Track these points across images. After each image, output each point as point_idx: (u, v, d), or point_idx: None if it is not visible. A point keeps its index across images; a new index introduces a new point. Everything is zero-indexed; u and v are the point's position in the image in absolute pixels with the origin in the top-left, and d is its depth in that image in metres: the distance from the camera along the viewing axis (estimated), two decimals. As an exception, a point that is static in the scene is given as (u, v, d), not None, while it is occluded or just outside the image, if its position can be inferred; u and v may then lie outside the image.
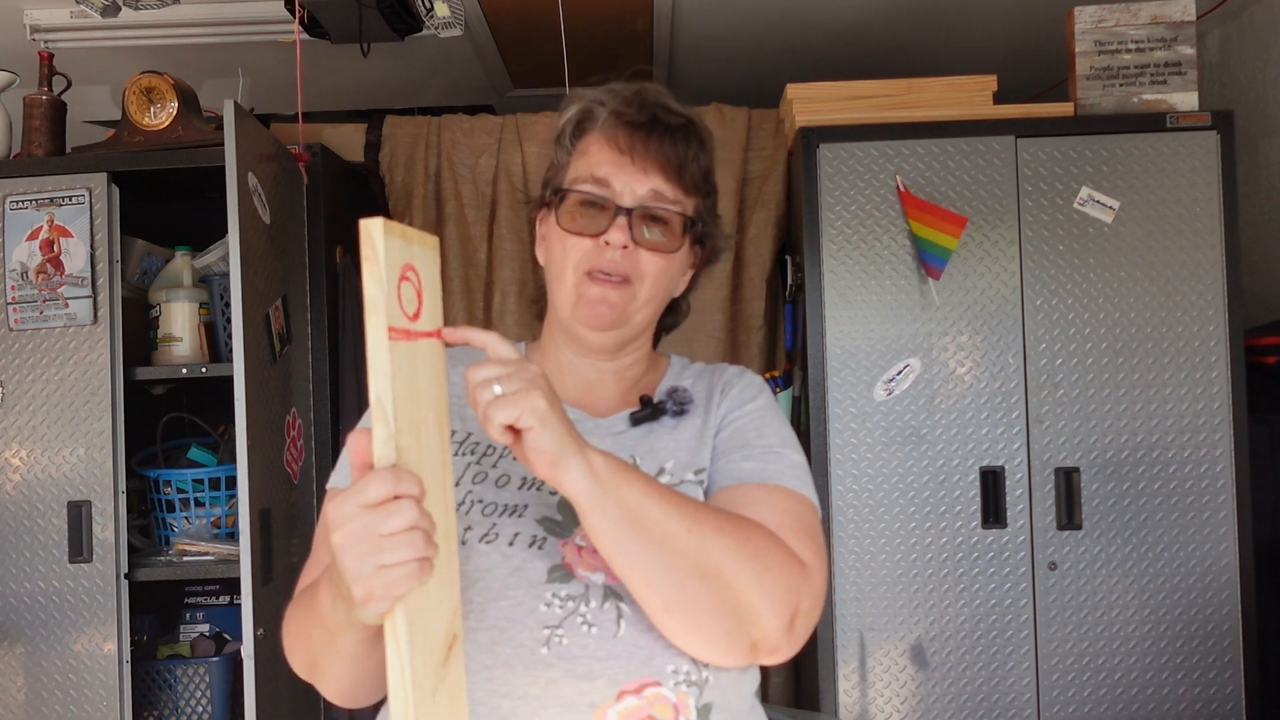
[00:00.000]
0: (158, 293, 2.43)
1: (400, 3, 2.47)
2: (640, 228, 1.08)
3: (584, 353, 1.15)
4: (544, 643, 0.96)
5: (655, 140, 1.09)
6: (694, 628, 0.93)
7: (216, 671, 2.49)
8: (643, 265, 1.09)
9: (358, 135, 2.92)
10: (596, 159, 1.10)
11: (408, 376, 0.78)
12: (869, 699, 2.37)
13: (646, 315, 1.13)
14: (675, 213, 1.10)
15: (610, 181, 1.09)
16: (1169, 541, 2.34)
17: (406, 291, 0.79)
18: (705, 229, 1.16)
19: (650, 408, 1.11)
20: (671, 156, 1.09)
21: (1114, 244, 2.37)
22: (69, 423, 2.29)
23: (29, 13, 2.61)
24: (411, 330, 0.79)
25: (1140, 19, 2.42)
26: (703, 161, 1.13)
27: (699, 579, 0.91)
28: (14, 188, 2.31)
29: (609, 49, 2.99)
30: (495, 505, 1.04)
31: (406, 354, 0.78)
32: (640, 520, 0.90)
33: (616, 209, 1.07)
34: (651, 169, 1.09)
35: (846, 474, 2.38)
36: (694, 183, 1.12)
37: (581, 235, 1.08)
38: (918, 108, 2.44)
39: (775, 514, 1.01)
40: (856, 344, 2.39)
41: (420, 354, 0.81)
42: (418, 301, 0.81)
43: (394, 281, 0.77)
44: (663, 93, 1.14)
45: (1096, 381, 2.36)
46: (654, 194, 1.09)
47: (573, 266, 1.09)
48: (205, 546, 2.38)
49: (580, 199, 1.09)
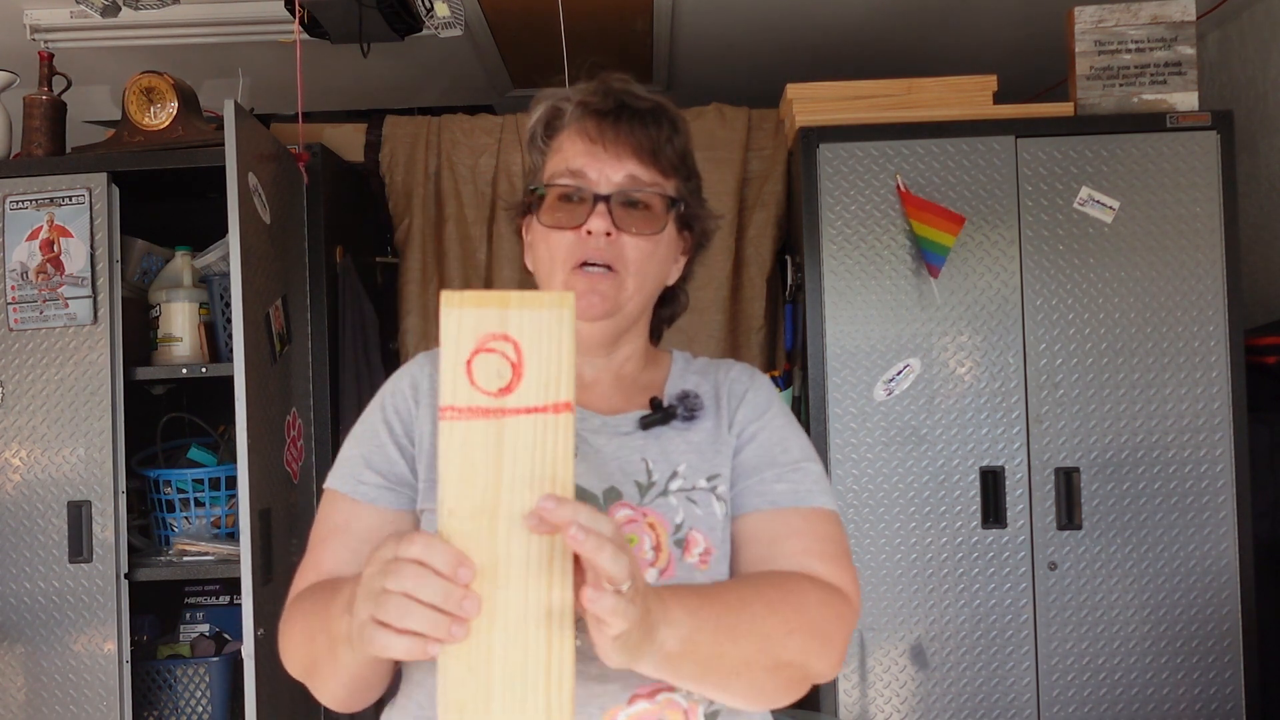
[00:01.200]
0: (158, 293, 2.43)
1: (400, 3, 2.47)
2: (620, 214, 1.07)
3: (580, 349, 1.14)
4: None
5: (625, 125, 1.08)
6: (763, 701, 0.98)
7: (216, 671, 2.49)
8: (628, 251, 1.08)
9: (358, 135, 2.92)
10: (570, 152, 1.09)
11: (472, 458, 0.73)
12: (869, 699, 2.37)
13: (638, 303, 1.11)
14: (655, 195, 1.09)
15: (585, 172, 1.08)
16: (1169, 541, 2.34)
17: (487, 365, 0.73)
18: (689, 210, 1.15)
19: (661, 411, 1.10)
20: (644, 139, 1.08)
21: (1114, 244, 2.37)
22: (69, 423, 2.29)
23: (29, 13, 2.61)
24: (491, 408, 0.73)
25: (1140, 19, 2.42)
26: (677, 143, 1.12)
27: (771, 672, 0.95)
28: (14, 188, 2.31)
29: (609, 49, 2.99)
30: None
31: (476, 433, 0.73)
32: (713, 664, 0.90)
33: (594, 197, 1.07)
34: (625, 154, 1.08)
35: (846, 474, 2.38)
36: (671, 164, 1.11)
37: (563, 229, 1.08)
38: (918, 108, 2.44)
39: (816, 541, 1.04)
40: (856, 344, 2.39)
41: (510, 432, 0.74)
42: (511, 373, 0.74)
43: (461, 355, 0.73)
44: (628, 80, 1.13)
45: (1096, 381, 2.36)
46: (630, 179, 1.08)
47: (560, 262, 1.08)
48: (205, 546, 2.38)
49: (558, 193, 1.09)
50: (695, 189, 1.17)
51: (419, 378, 1.12)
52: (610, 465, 1.06)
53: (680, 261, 1.18)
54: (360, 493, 1.07)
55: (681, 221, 1.14)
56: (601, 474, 1.05)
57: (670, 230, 1.12)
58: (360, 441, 1.11)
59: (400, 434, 1.09)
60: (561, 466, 0.75)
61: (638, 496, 1.04)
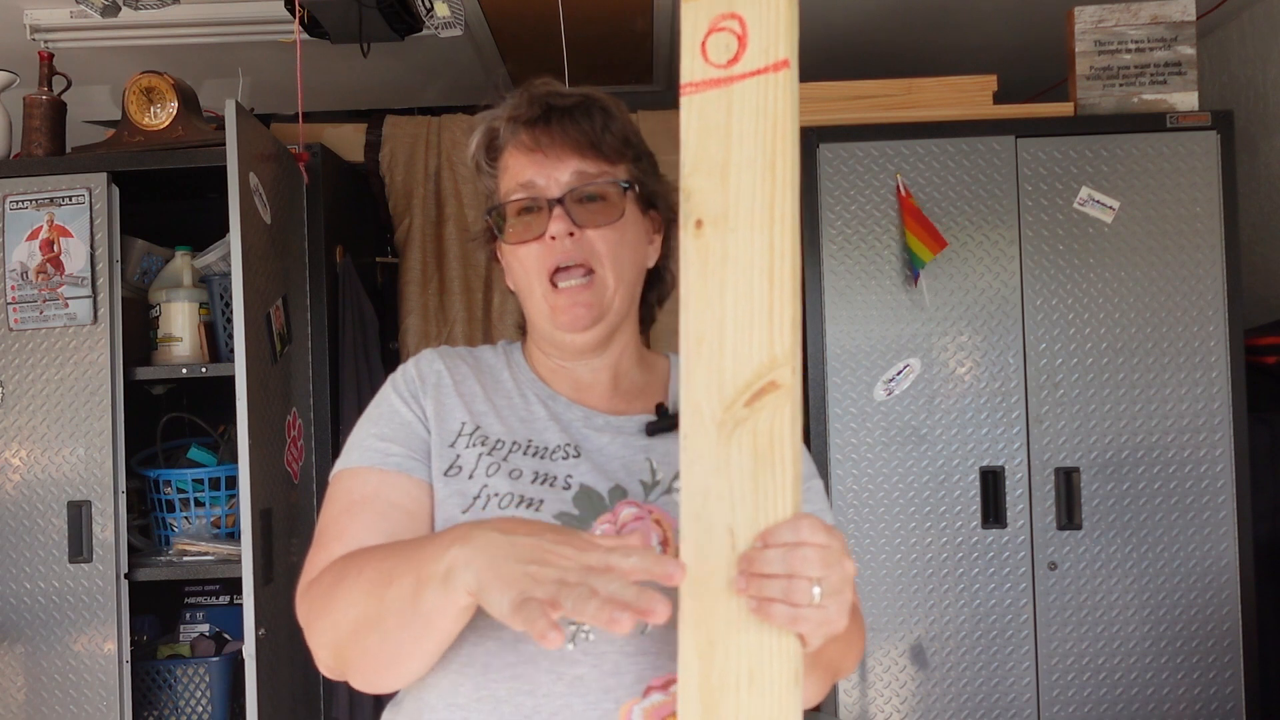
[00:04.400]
0: (158, 293, 2.43)
1: (400, 3, 2.47)
2: (577, 211, 1.07)
3: (573, 356, 1.14)
4: (570, 639, 0.96)
5: (558, 125, 1.09)
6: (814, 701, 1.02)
7: (216, 671, 2.49)
8: (596, 245, 1.08)
9: (358, 135, 2.93)
10: (515, 168, 1.10)
11: (707, 123, 0.86)
12: (869, 699, 2.37)
13: (623, 296, 1.11)
14: (605, 184, 1.09)
15: (534, 181, 1.08)
16: (1169, 541, 2.34)
17: (718, 42, 0.87)
18: (646, 189, 1.14)
19: (667, 419, 1.10)
20: (578, 135, 1.09)
21: (1114, 244, 2.37)
22: (69, 423, 2.29)
23: (29, 13, 2.61)
24: (721, 78, 0.86)
25: (1140, 19, 2.42)
26: (615, 128, 1.12)
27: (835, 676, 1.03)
28: (14, 188, 2.31)
29: (609, 49, 2.99)
30: (512, 496, 1.02)
31: (710, 102, 0.86)
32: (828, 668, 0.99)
33: (548, 202, 1.07)
34: (565, 153, 1.08)
35: (846, 474, 2.38)
36: (614, 150, 1.11)
37: (528, 241, 1.08)
38: (918, 108, 2.44)
39: None
40: (856, 344, 2.39)
41: (738, 96, 0.86)
42: (737, 45, 0.87)
43: (697, 38, 0.87)
44: (549, 82, 1.13)
45: (1096, 381, 2.36)
46: (578, 175, 1.08)
47: (535, 275, 1.08)
48: (205, 546, 2.38)
49: (515, 209, 1.09)
50: (649, 167, 1.16)
51: (427, 371, 1.12)
52: (615, 463, 1.07)
53: (655, 241, 1.17)
54: (389, 463, 1.05)
55: (645, 202, 1.14)
56: (607, 471, 1.06)
57: (633, 213, 1.12)
58: (376, 422, 1.10)
59: (418, 410, 1.09)
60: (784, 120, 0.86)
61: (643, 494, 1.05)
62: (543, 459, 1.06)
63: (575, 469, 1.05)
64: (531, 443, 1.08)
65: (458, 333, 2.92)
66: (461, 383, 1.12)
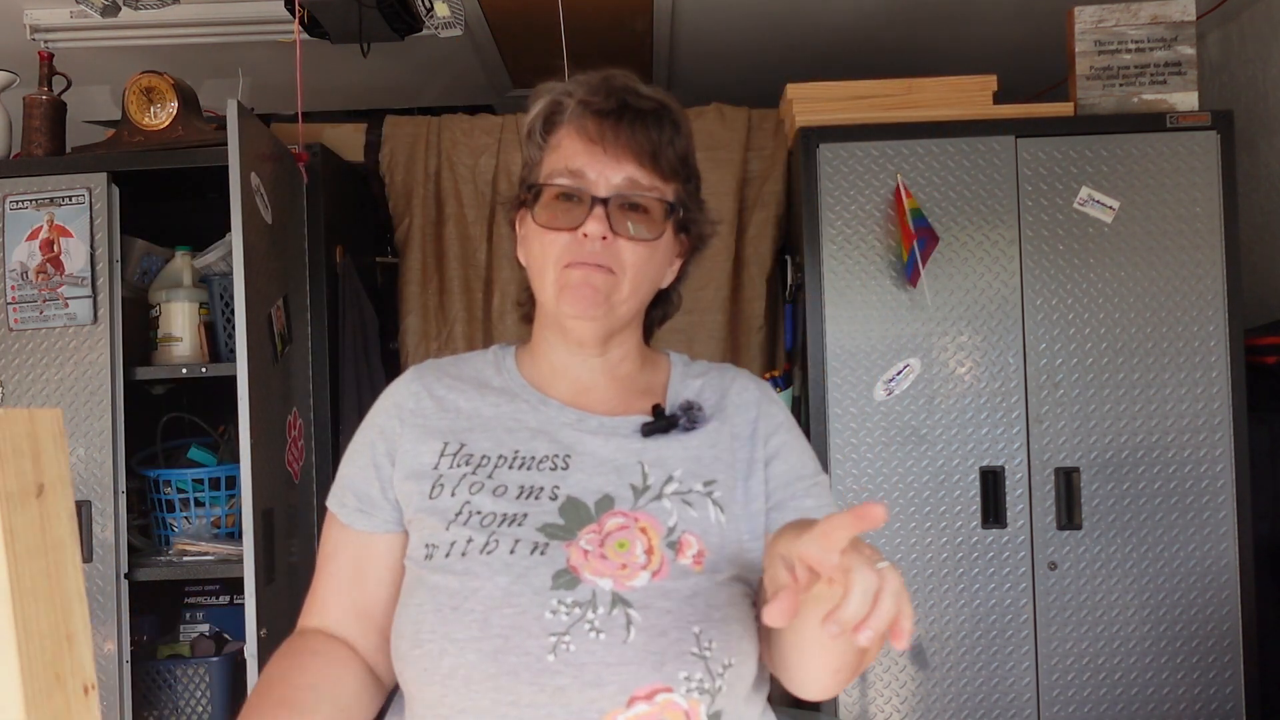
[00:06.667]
0: (158, 293, 2.43)
1: (400, 3, 2.47)
2: (618, 217, 1.05)
3: (573, 348, 1.12)
4: (550, 650, 0.94)
5: (626, 126, 1.05)
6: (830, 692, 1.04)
7: (217, 671, 2.49)
8: (624, 256, 1.05)
9: (358, 135, 2.92)
10: (569, 151, 1.07)
11: None
12: (869, 699, 2.37)
13: (631, 306, 1.09)
14: (654, 199, 1.07)
15: (584, 172, 1.05)
16: (1169, 541, 2.34)
17: None
18: (688, 215, 1.12)
19: (663, 420, 1.09)
20: (645, 142, 1.06)
21: (1114, 244, 2.37)
22: (69, 423, 2.29)
23: (29, 13, 2.61)
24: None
25: (1140, 19, 2.42)
26: (679, 145, 1.09)
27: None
28: (14, 188, 2.31)
29: (609, 49, 2.99)
30: (494, 515, 1.02)
31: None
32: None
33: (592, 200, 1.04)
34: (625, 156, 1.05)
35: (846, 474, 2.38)
36: (671, 168, 1.08)
37: (559, 230, 1.06)
38: (918, 108, 2.44)
39: None
40: (856, 344, 2.39)
41: None
42: None
43: None
44: (630, 77, 1.10)
45: (1096, 381, 2.36)
46: (629, 182, 1.05)
47: (553, 262, 1.06)
48: (205, 546, 2.38)
49: (555, 193, 1.06)
50: (694, 190, 1.14)
51: (403, 397, 1.13)
52: (605, 468, 1.05)
53: (676, 264, 1.16)
54: (344, 515, 1.11)
55: (679, 225, 1.12)
56: (597, 478, 1.04)
57: (668, 234, 1.10)
58: (350, 459, 1.14)
59: (381, 453, 1.10)
60: None
61: (632, 499, 1.03)
62: (529, 470, 1.05)
63: (563, 480, 1.04)
64: (518, 453, 1.06)
65: (458, 333, 2.92)
66: (443, 400, 1.11)
